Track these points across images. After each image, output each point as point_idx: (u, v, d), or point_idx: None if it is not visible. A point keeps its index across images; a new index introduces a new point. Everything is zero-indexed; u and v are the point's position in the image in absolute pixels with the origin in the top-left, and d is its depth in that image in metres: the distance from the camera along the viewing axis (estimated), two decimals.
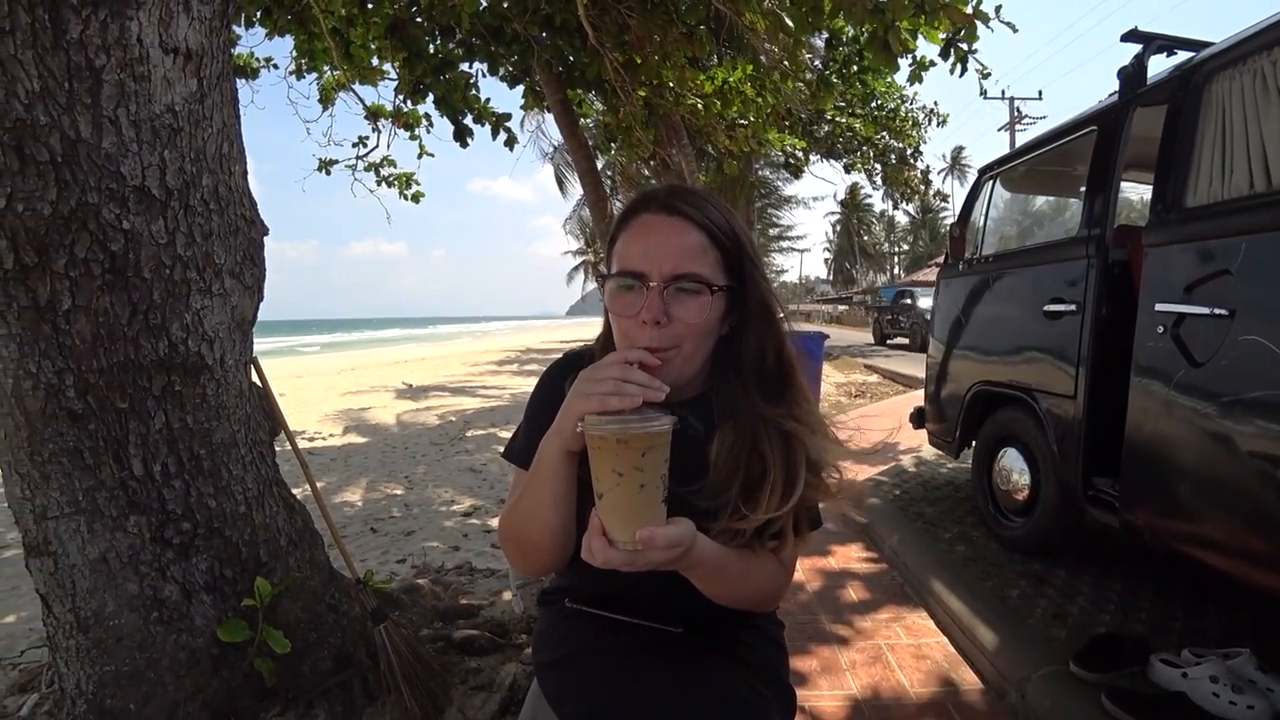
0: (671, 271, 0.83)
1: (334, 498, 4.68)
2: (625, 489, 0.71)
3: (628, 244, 0.87)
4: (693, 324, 0.84)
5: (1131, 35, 2.28)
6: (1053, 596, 2.34)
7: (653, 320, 0.82)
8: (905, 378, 9.83)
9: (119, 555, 1.45)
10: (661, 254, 0.84)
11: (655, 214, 0.87)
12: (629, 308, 0.84)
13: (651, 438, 0.70)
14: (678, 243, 0.85)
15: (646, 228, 0.86)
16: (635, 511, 0.72)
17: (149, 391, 1.43)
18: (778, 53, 6.22)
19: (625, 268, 0.85)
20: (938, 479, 3.94)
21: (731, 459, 0.86)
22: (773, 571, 0.90)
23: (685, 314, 0.83)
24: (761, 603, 0.91)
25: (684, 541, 0.74)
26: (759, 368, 0.90)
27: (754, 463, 0.86)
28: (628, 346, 0.84)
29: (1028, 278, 2.71)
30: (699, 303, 0.84)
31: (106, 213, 1.26)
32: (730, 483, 0.86)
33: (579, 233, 37.25)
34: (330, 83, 6.09)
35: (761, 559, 0.89)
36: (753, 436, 0.87)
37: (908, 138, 10.98)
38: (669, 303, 0.83)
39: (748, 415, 0.88)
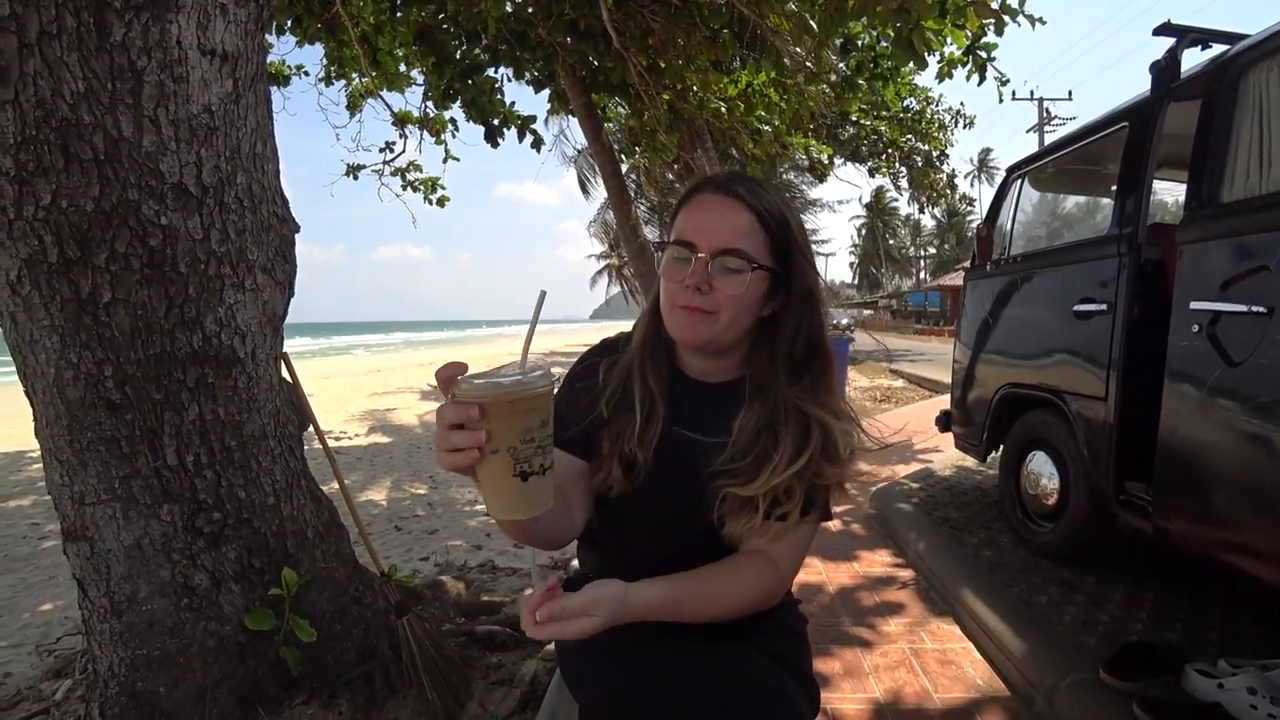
0: (718, 246, 0.90)
1: (359, 496, 4.75)
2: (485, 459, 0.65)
3: (685, 218, 0.94)
4: (731, 295, 0.90)
5: (1164, 29, 2.23)
6: (1082, 603, 2.29)
7: (694, 286, 0.89)
8: (931, 382, 9.69)
9: (152, 542, 1.49)
10: (712, 229, 0.91)
11: (712, 194, 0.94)
12: (677, 274, 0.92)
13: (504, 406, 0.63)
14: (728, 221, 0.91)
15: (702, 205, 0.94)
16: (486, 482, 0.67)
17: (183, 383, 1.46)
18: (801, 55, 6.20)
19: (678, 238, 0.93)
20: (964, 483, 3.88)
21: (751, 433, 0.92)
22: (754, 575, 0.91)
23: (725, 286, 0.90)
24: (753, 607, 0.92)
25: (594, 609, 0.75)
26: (790, 351, 0.95)
27: (767, 438, 0.92)
28: (671, 306, 0.92)
29: (1057, 278, 2.66)
30: (739, 278, 0.90)
31: (146, 209, 1.30)
32: (745, 454, 0.91)
33: (603, 236, 37.38)
34: (358, 89, 6.21)
35: (738, 568, 0.91)
36: (773, 414, 0.93)
37: (934, 140, 10.84)
38: (713, 274, 0.90)
39: (774, 394, 0.94)
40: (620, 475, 0.94)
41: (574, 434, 0.94)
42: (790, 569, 0.95)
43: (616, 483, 0.94)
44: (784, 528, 0.91)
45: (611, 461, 0.94)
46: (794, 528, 0.92)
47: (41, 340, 1.32)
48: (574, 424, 0.95)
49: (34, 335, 1.32)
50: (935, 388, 9.19)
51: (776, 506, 0.91)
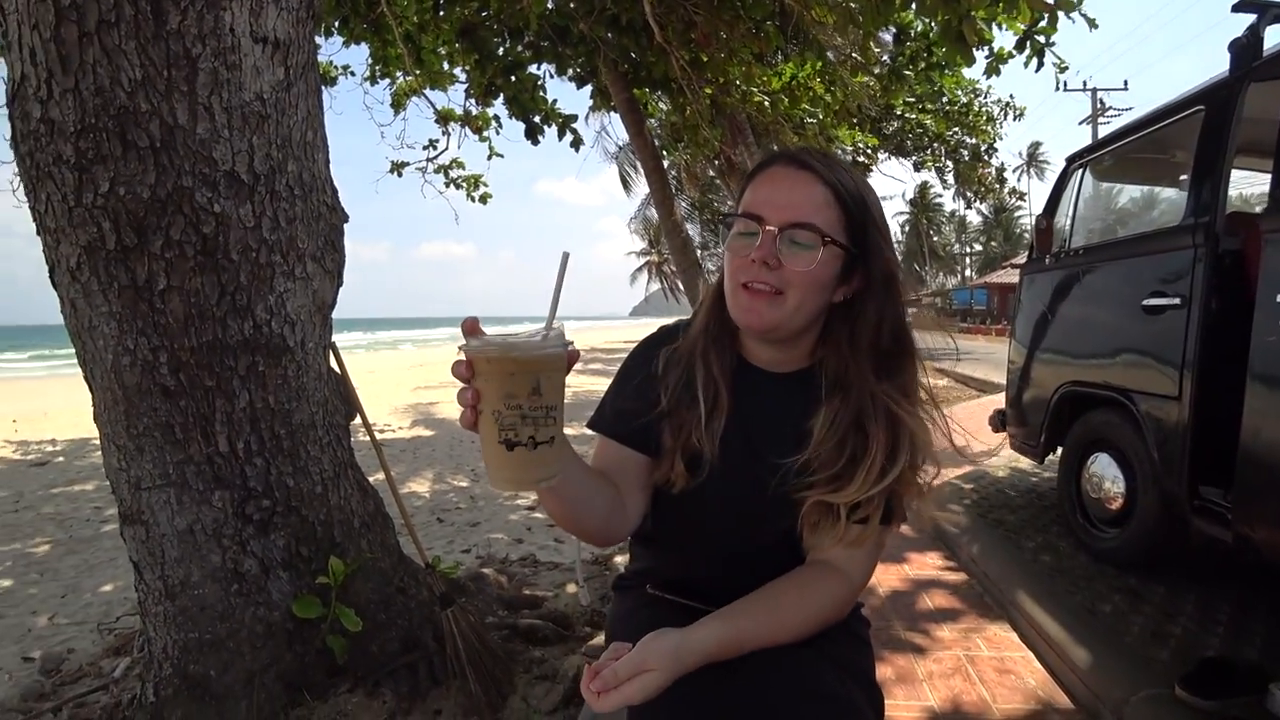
0: (788, 219, 0.83)
1: (402, 488, 4.81)
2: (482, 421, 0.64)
3: (753, 192, 0.88)
4: (800, 272, 0.83)
5: (1244, 5, 2.09)
6: (1151, 614, 2.16)
7: (761, 260, 0.83)
8: (979, 382, 9.41)
9: (204, 527, 1.51)
10: (783, 201, 0.84)
11: (784, 166, 0.87)
12: (743, 249, 0.85)
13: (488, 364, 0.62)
14: (800, 193, 0.85)
15: (773, 177, 0.87)
16: (482, 445, 0.65)
17: (234, 371, 1.48)
18: (847, 47, 6.07)
19: (746, 211, 0.86)
20: (1019, 485, 3.73)
21: (835, 433, 0.85)
22: (823, 591, 0.85)
23: (795, 262, 0.83)
24: (824, 625, 0.86)
25: (650, 664, 0.71)
26: (875, 341, 0.88)
27: (856, 439, 0.85)
28: (735, 286, 0.86)
29: (1124, 271, 2.53)
30: (810, 253, 0.83)
31: (199, 196, 1.32)
32: (829, 457, 0.85)
33: (643, 233, 37.40)
34: (403, 88, 6.30)
35: (805, 585, 0.85)
36: (859, 411, 0.86)
37: (981, 133, 10.50)
38: (781, 249, 0.83)
39: (858, 389, 0.86)
40: (684, 470, 0.88)
41: (633, 427, 0.89)
42: (863, 579, 0.89)
43: (680, 478, 0.88)
44: (864, 533, 0.85)
45: (674, 456, 0.88)
46: (872, 534, 0.86)
47: (100, 326, 1.35)
48: (632, 417, 0.90)
49: (93, 321, 1.35)
50: (983, 387, 8.92)
51: (856, 510, 0.84)
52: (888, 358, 0.88)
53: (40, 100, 1.21)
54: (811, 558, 0.90)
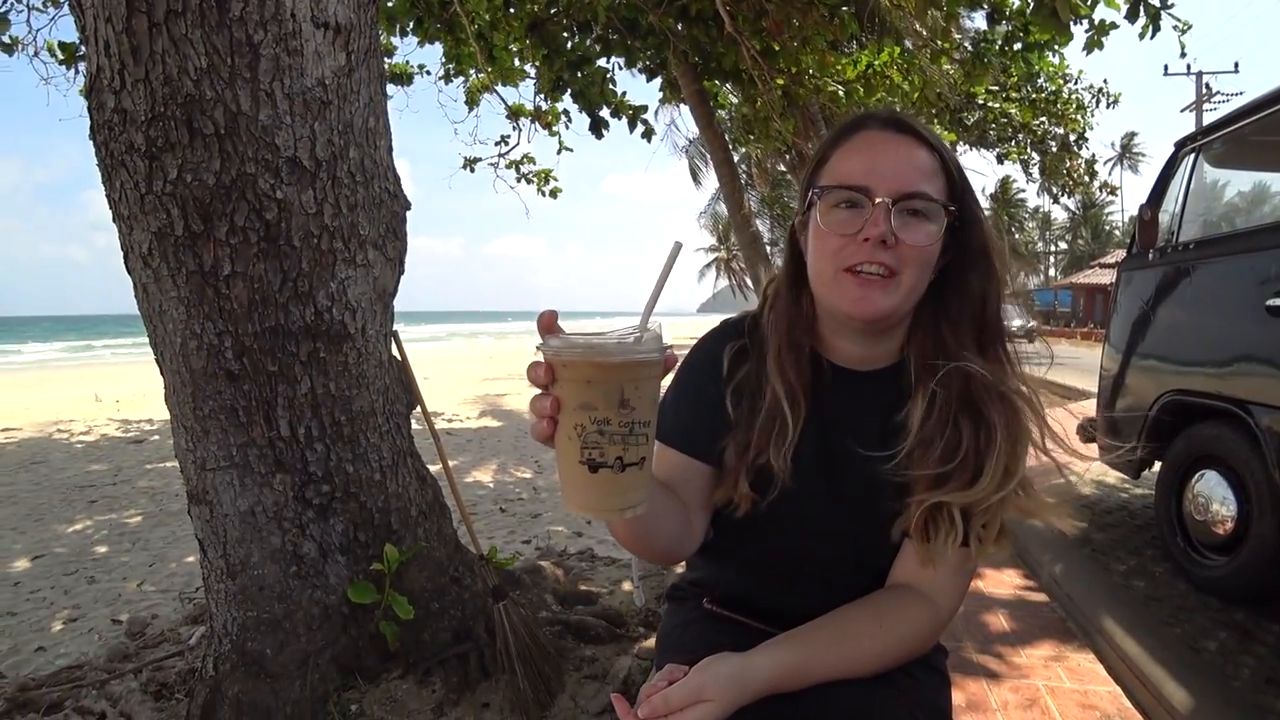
0: (902, 189, 0.73)
1: (466, 477, 4.91)
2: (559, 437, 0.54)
3: (846, 158, 0.77)
4: (920, 248, 0.73)
5: None
6: (1264, 655, 1.94)
7: (878, 238, 0.72)
8: (1062, 388, 8.84)
9: (265, 510, 1.54)
10: (892, 170, 0.74)
11: (880, 130, 0.77)
12: (847, 225, 0.74)
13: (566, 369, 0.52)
14: (908, 159, 0.75)
15: (871, 143, 0.76)
16: (560, 466, 0.56)
17: (296, 356, 1.50)
18: (926, 32, 5.78)
19: (846, 182, 0.75)
20: (1107, 501, 3.46)
21: (938, 421, 0.74)
22: (906, 620, 0.75)
23: (913, 237, 0.73)
24: (906, 658, 0.76)
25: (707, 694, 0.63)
26: (980, 317, 0.78)
27: (969, 426, 0.74)
28: (835, 271, 0.75)
29: (1244, 267, 2.27)
30: (929, 228, 0.74)
31: (262, 182, 1.33)
32: (935, 450, 0.74)
33: (712, 229, 37.14)
34: (476, 85, 6.41)
35: (884, 612, 0.75)
36: (965, 392, 0.75)
37: (1071, 122, 9.82)
38: (895, 223, 0.72)
39: (960, 371, 0.75)
40: (749, 493, 0.78)
41: (698, 437, 0.81)
42: (952, 608, 0.78)
43: (744, 500, 0.78)
44: (978, 551, 0.75)
45: (739, 476, 0.78)
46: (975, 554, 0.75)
47: (169, 310, 1.39)
48: (696, 425, 0.81)
49: (163, 305, 1.39)
50: (1067, 394, 8.37)
51: (972, 520, 0.74)
52: (991, 337, 0.78)
53: (114, 91, 1.25)
54: (892, 580, 0.80)
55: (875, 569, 0.81)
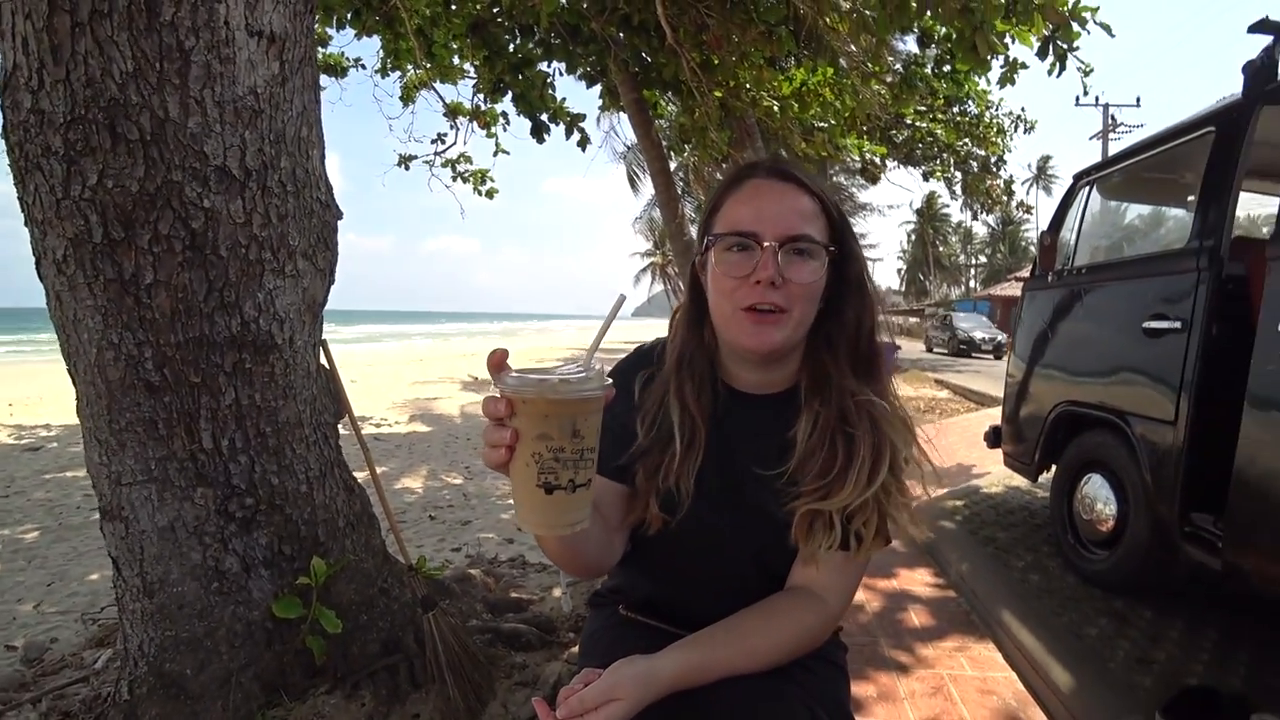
0: (786, 233, 0.81)
1: (395, 484, 4.81)
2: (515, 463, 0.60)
3: (736, 206, 0.85)
4: (805, 284, 0.82)
5: (1261, 26, 2.07)
6: (1137, 639, 2.15)
7: (768, 280, 0.80)
8: (977, 394, 9.38)
9: (185, 525, 1.50)
10: (776, 215, 0.82)
11: (766, 178, 0.85)
12: (740, 268, 0.82)
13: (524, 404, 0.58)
14: (791, 205, 0.83)
15: (757, 191, 0.85)
16: (514, 486, 0.62)
17: (221, 367, 1.47)
18: (859, 54, 6.04)
19: (737, 229, 0.83)
20: (1011, 503, 3.71)
21: (819, 437, 0.83)
22: (796, 618, 0.84)
23: (799, 275, 0.81)
24: (800, 651, 0.84)
25: (618, 692, 0.70)
26: (854, 344, 0.87)
27: (841, 441, 0.83)
28: (733, 310, 0.82)
29: (1126, 292, 2.51)
30: (811, 265, 0.82)
31: (189, 191, 1.30)
32: (817, 464, 0.83)
33: (648, 234, 37.41)
34: (413, 81, 6.29)
35: (776, 612, 0.84)
36: (842, 411, 0.84)
37: (991, 145, 10.47)
38: (783, 264, 0.80)
39: (838, 392, 0.85)
40: (658, 513, 0.85)
41: (612, 461, 0.86)
42: (841, 606, 0.87)
43: (655, 520, 0.85)
44: (858, 551, 0.83)
45: (649, 498, 0.85)
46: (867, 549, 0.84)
47: (84, 320, 1.34)
48: (610, 450, 0.85)
49: (77, 314, 1.34)
50: (982, 400, 8.90)
51: (850, 523, 0.82)
52: (864, 360, 0.88)
53: (31, 90, 1.20)
54: (789, 583, 0.88)
55: (776, 575, 0.88)
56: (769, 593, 0.87)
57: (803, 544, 0.84)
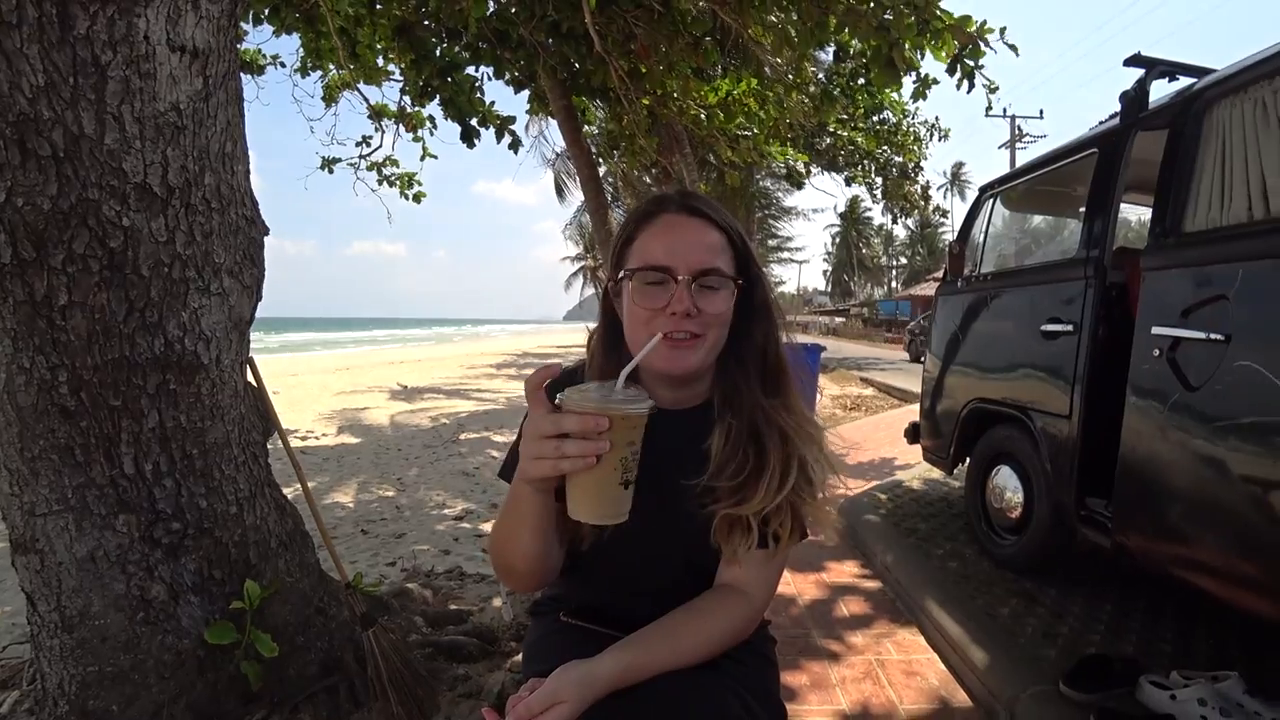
0: (698, 267, 0.87)
1: (325, 498, 4.65)
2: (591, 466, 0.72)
3: (649, 242, 0.90)
4: (717, 314, 0.88)
5: (1134, 60, 2.30)
6: (1043, 615, 2.34)
7: (683, 313, 0.86)
8: (900, 392, 9.85)
9: (107, 554, 1.44)
10: (687, 250, 0.88)
11: (676, 214, 0.91)
12: (655, 300, 0.88)
13: (622, 419, 0.72)
14: (701, 240, 0.89)
15: (669, 227, 0.90)
16: (588, 487, 0.73)
17: (143, 390, 1.41)
18: (782, 66, 6.26)
19: (652, 263, 0.88)
20: (931, 495, 3.94)
21: (732, 447, 0.90)
22: (723, 615, 0.90)
23: (710, 305, 0.88)
24: (727, 645, 0.91)
25: (560, 696, 0.75)
26: (762, 362, 0.95)
27: (753, 451, 0.90)
28: (649, 337, 0.87)
29: (1026, 297, 2.72)
30: (722, 295, 0.89)
31: (107, 209, 1.25)
32: (731, 472, 0.89)
33: (578, 239, 37.32)
34: (335, 81, 6.10)
35: (704, 611, 0.90)
36: (752, 424, 0.92)
37: (909, 152, 11.02)
38: (696, 296, 0.87)
39: (749, 406, 0.92)
40: (589, 530, 0.89)
41: None
42: (764, 599, 0.94)
43: (586, 536, 0.90)
44: (777, 549, 0.90)
45: None
46: (784, 548, 0.91)
47: None
48: None
49: None
50: (905, 397, 9.34)
51: (766, 525, 0.89)
52: (773, 375, 0.95)
53: None
54: (716, 582, 0.94)
55: (704, 576, 0.95)
56: (699, 592, 0.93)
57: (724, 546, 0.91)
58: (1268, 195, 1.69)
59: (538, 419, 0.73)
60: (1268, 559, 1.60)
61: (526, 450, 0.74)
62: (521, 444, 0.76)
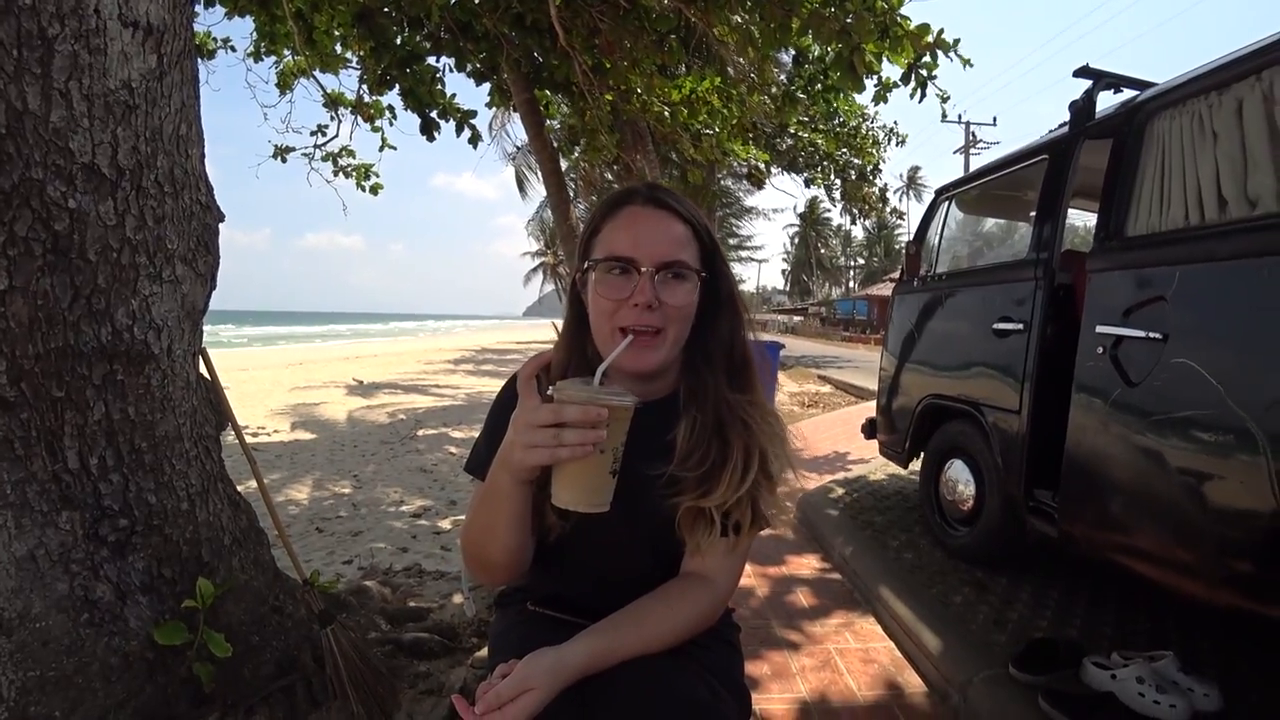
0: (662, 259, 0.87)
1: (279, 495, 4.52)
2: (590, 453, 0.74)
3: (614, 233, 0.90)
4: (680, 307, 0.89)
5: (1083, 71, 2.40)
6: (994, 603, 2.43)
7: (645, 304, 0.86)
8: (857, 389, 10.06)
9: (48, 553, 1.37)
10: (651, 242, 0.88)
11: (642, 206, 0.91)
12: (619, 291, 0.88)
13: (615, 411, 0.74)
14: (666, 232, 0.90)
15: (634, 218, 0.90)
16: (584, 475, 0.75)
17: (88, 380, 1.35)
18: (746, 66, 6.32)
19: (615, 254, 0.88)
20: (887, 489, 4.04)
21: (697, 439, 0.91)
22: (690, 602, 0.91)
23: (673, 298, 0.88)
24: (693, 631, 0.92)
25: (531, 683, 0.76)
26: (728, 356, 0.96)
27: (717, 444, 0.91)
28: (612, 330, 0.88)
29: (978, 296, 2.81)
30: (685, 288, 0.89)
31: (52, 190, 1.20)
32: (695, 465, 0.90)
33: (539, 234, 37.03)
34: (290, 68, 5.92)
35: (671, 598, 0.91)
36: (717, 417, 0.92)
37: (868, 155, 11.25)
38: (659, 287, 0.87)
39: (714, 399, 0.93)
40: (556, 521, 0.90)
41: None
42: (729, 587, 0.95)
43: (554, 528, 0.90)
44: (739, 540, 0.92)
45: (545, 506, 0.88)
46: (745, 538, 0.93)
47: None
48: None
49: None
50: (861, 394, 9.55)
51: (728, 517, 0.90)
52: (737, 369, 0.96)
53: None
54: (682, 571, 0.96)
55: (669, 565, 0.96)
56: (664, 580, 0.95)
57: (688, 537, 0.92)
58: (1203, 202, 1.78)
59: (534, 409, 0.73)
60: (1200, 546, 1.69)
61: (522, 440, 0.74)
62: (514, 434, 0.76)
